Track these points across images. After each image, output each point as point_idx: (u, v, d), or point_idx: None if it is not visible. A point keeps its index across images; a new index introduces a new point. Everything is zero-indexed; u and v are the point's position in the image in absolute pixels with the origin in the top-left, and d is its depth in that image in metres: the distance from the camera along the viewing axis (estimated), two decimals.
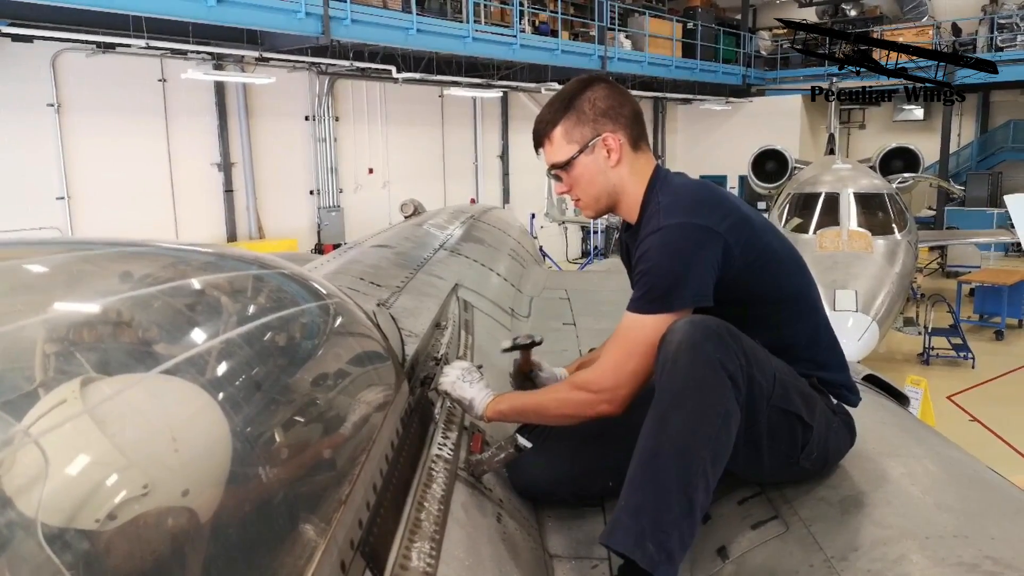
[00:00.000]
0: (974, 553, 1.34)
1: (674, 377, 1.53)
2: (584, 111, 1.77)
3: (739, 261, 1.68)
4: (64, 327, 1.10)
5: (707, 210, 1.69)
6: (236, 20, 10.11)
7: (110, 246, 1.43)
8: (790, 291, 1.81)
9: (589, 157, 1.78)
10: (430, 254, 3.96)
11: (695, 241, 1.65)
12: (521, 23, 14.46)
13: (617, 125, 1.78)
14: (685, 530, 1.44)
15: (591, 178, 1.80)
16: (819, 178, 11.28)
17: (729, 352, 1.54)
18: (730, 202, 1.74)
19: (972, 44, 18.16)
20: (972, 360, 10.70)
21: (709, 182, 1.86)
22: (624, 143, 1.78)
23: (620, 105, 1.79)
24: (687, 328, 1.56)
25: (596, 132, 1.77)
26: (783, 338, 1.75)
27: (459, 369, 1.92)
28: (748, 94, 21.19)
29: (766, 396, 1.60)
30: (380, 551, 1.26)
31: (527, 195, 17.76)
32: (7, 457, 0.87)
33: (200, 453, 1.05)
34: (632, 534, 1.42)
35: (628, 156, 1.80)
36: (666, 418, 1.50)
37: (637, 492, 1.46)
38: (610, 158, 1.78)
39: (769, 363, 1.64)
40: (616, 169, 1.79)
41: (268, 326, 1.35)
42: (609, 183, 1.80)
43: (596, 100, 1.77)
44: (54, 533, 0.84)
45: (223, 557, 1.00)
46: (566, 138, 1.78)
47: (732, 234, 1.67)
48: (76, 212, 10.99)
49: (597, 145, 1.77)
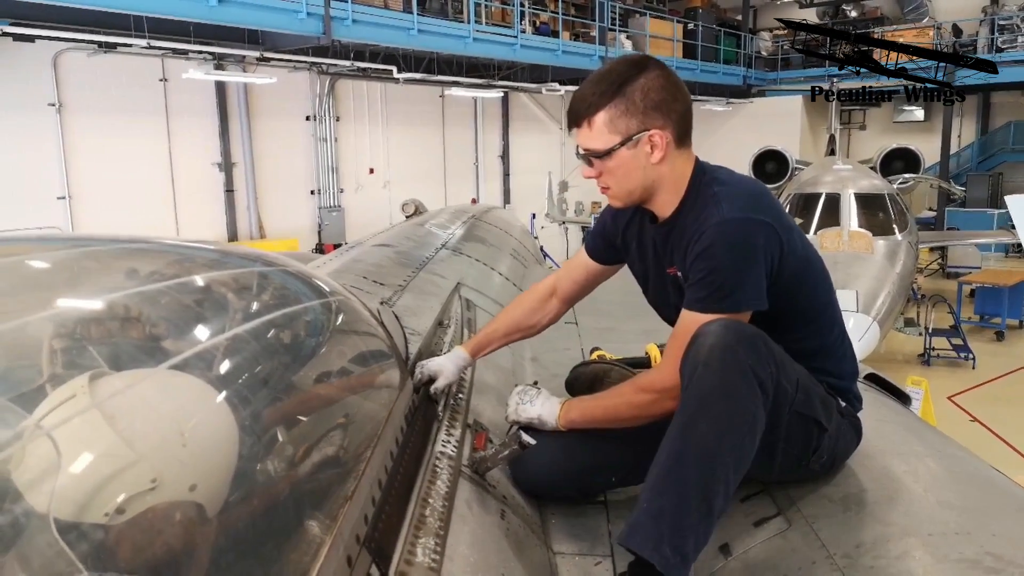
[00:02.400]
0: (976, 550, 1.35)
1: (704, 380, 1.49)
2: (635, 100, 1.61)
3: (788, 267, 1.63)
4: (72, 323, 1.11)
5: (769, 207, 1.63)
6: (237, 20, 10.12)
7: (116, 243, 1.44)
8: (821, 302, 1.78)
9: (631, 151, 1.64)
10: (432, 253, 3.97)
11: (764, 237, 1.57)
12: (522, 23, 14.46)
13: (667, 121, 1.63)
14: (701, 534, 1.44)
15: (628, 172, 1.67)
16: (820, 179, 11.28)
17: (761, 358, 1.51)
18: (780, 204, 1.69)
19: (972, 45, 18.14)
20: (973, 361, 10.72)
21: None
22: (671, 141, 1.65)
23: (673, 99, 1.64)
24: (720, 331, 1.51)
25: (644, 127, 1.62)
26: (807, 347, 1.72)
27: (516, 395, 1.88)
28: (748, 95, 21.18)
29: (789, 402, 1.58)
30: (385, 547, 1.26)
31: (528, 195, 17.77)
32: (17, 451, 0.88)
33: (208, 448, 1.05)
34: (652, 537, 1.41)
35: (672, 153, 1.66)
36: (693, 422, 1.48)
37: (660, 496, 1.45)
38: (653, 154, 1.64)
39: (794, 369, 1.61)
40: (658, 166, 1.66)
41: (275, 323, 1.35)
42: (648, 179, 1.68)
43: (649, 90, 1.61)
44: (64, 526, 0.85)
45: (230, 551, 1.00)
46: (609, 126, 1.63)
47: (786, 237, 1.62)
48: (77, 212, 11.01)
49: (642, 140, 1.63)
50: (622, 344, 2.81)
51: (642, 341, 2.56)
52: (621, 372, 2.27)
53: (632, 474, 1.79)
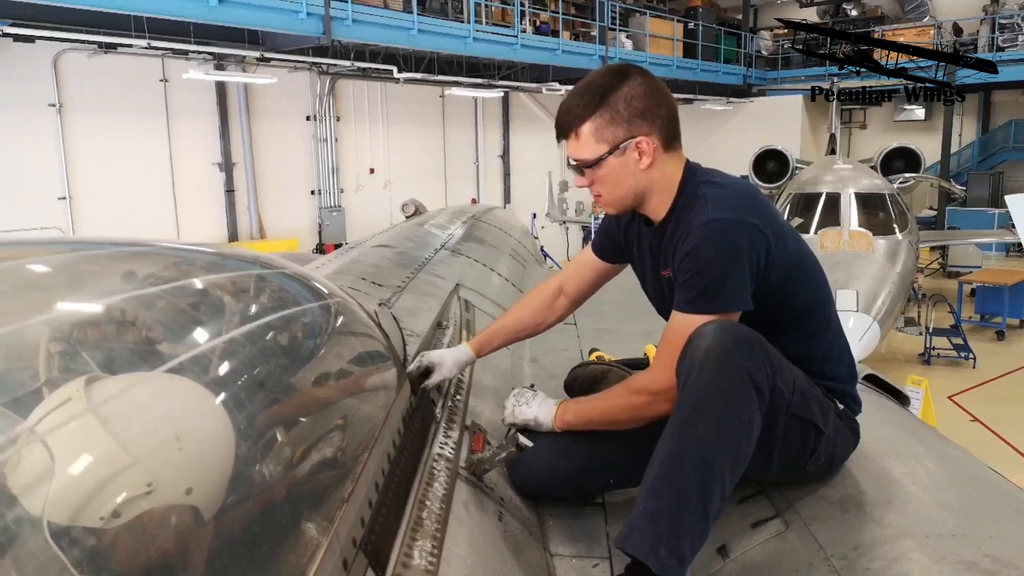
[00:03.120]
0: (973, 551, 1.35)
1: (700, 382, 1.49)
2: (619, 110, 1.65)
3: (777, 268, 1.64)
4: (68, 326, 1.11)
5: (756, 209, 1.63)
6: (237, 20, 10.11)
7: (113, 246, 1.44)
8: (815, 303, 1.78)
9: (619, 159, 1.68)
10: (431, 254, 3.97)
11: (749, 239, 1.58)
12: (522, 23, 14.45)
13: (653, 127, 1.66)
14: (697, 536, 1.44)
15: (618, 180, 1.70)
16: (820, 178, 11.28)
17: (757, 361, 1.51)
18: (770, 205, 1.70)
19: (973, 44, 18.13)
20: (973, 360, 10.71)
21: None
22: (658, 146, 1.68)
23: (657, 105, 1.67)
24: (717, 333, 1.52)
25: (630, 134, 1.66)
26: (801, 349, 1.72)
27: (512, 398, 1.90)
28: (749, 94, 21.17)
29: (785, 404, 1.59)
30: (382, 549, 1.26)
31: (528, 195, 17.77)
32: (12, 455, 0.88)
33: (203, 451, 1.05)
34: (648, 539, 1.41)
35: (660, 158, 1.69)
36: (690, 424, 1.48)
37: (656, 498, 1.45)
38: (641, 161, 1.67)
39: (790, 372, 1.62)
40: (647, 172, 1.69)
41: (271, 326, 1.35)
42: (638, 185, 1.71)
43: (633, 98, 1.65)
44: (59, 530, 0.85)
45: (226, 555, 1.00)
46: (595, 136, 1.67)
47: (774, 239, 1.63)
48: (77, 212, 11.01)
49: (629, 148, 1.66)
50: (621, 345, 2.82)
51: (641, 342, 2.56)
52: (619, 373, 2.27)
53: (630, 476, 1.78)
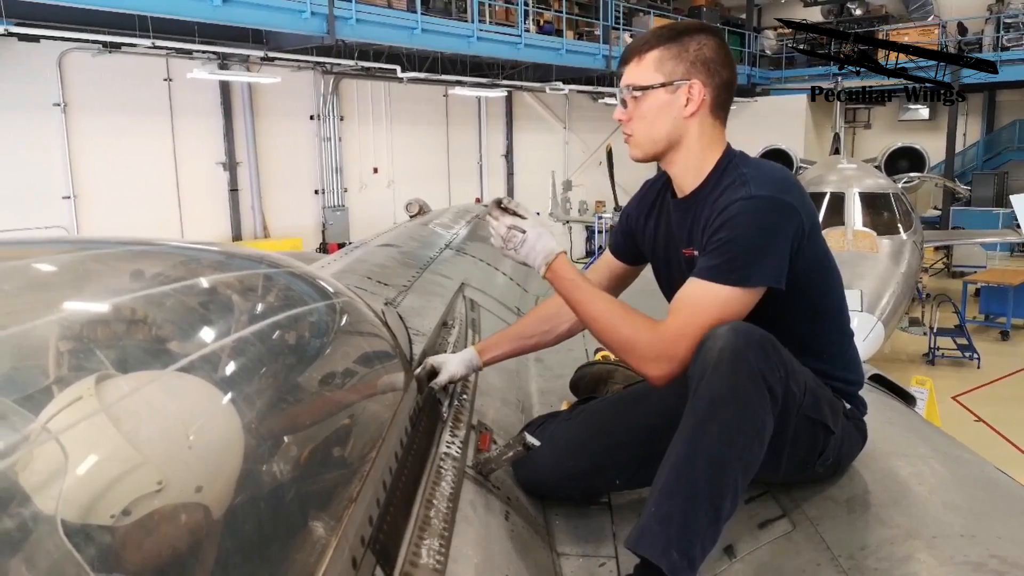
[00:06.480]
0: (980, 552, 1.35)
1: (713, 384, 1.48)
2: (688, 49, 1.68)
3: (804, 260, 1.63)
4: (78, 325, 1.11)
5: (797, 194, 1.63)
6: (241, 20, 10.14)
7: (120, 245, 1.44)
8: (832, 305, 1.78)
9: (668, 96, 1.69)
10: (436, 253, 3.97)
11: (787, 218, 1.58)
12: (526, 23, 14.47)
13: (710, 81, 1.69)
14: (708, 538, 1.44)
15: (657, 116, 1.71)
16: (824, 178, 11.24)
17: (770, 363, 1.50)
18: (809, 196, 1.69)
19: (978, 44, 18.09)
20: (977, 360, 10.68)
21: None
22: (707, 100, 1.70)
23: (722, 65, 1.70)
24: (730, 335, 1.50)
25: (687, 76, 1.68)
26: (814, 346, 1.72)
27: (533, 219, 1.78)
28: (753, 94, 21.12)
29: (797, 405, 1.58)
30: (390, 548, 1.27)
31: (532, 194, 17.75)
32: (24, 453, 0.88)
33: (213, 450, 1.06)
34: (660, 541, 1.41)
35: (704, 115, 1.71)
36: (703, 427, 1.47)
37: (668, 500, 1.45)
38: (687, 107, 1.69)
39: (802, 372, 1.61)
40: (687, 121, 1.70)
41: (280, 324, 1.36)
42: (675, 131, 1.72)
43: (704, 46, 1.69)
44: (70, 528, 0.85)
45: (236, 553, 1.01)
46: (656, 65, 1.69)
47: (810, 228, 1.63)
48: (82, 211, 11.05)
49: (681, 88, 1.68)
50: None
51: None
52: (625, 372, 2.27)
53: (636, 477, 1.79)
